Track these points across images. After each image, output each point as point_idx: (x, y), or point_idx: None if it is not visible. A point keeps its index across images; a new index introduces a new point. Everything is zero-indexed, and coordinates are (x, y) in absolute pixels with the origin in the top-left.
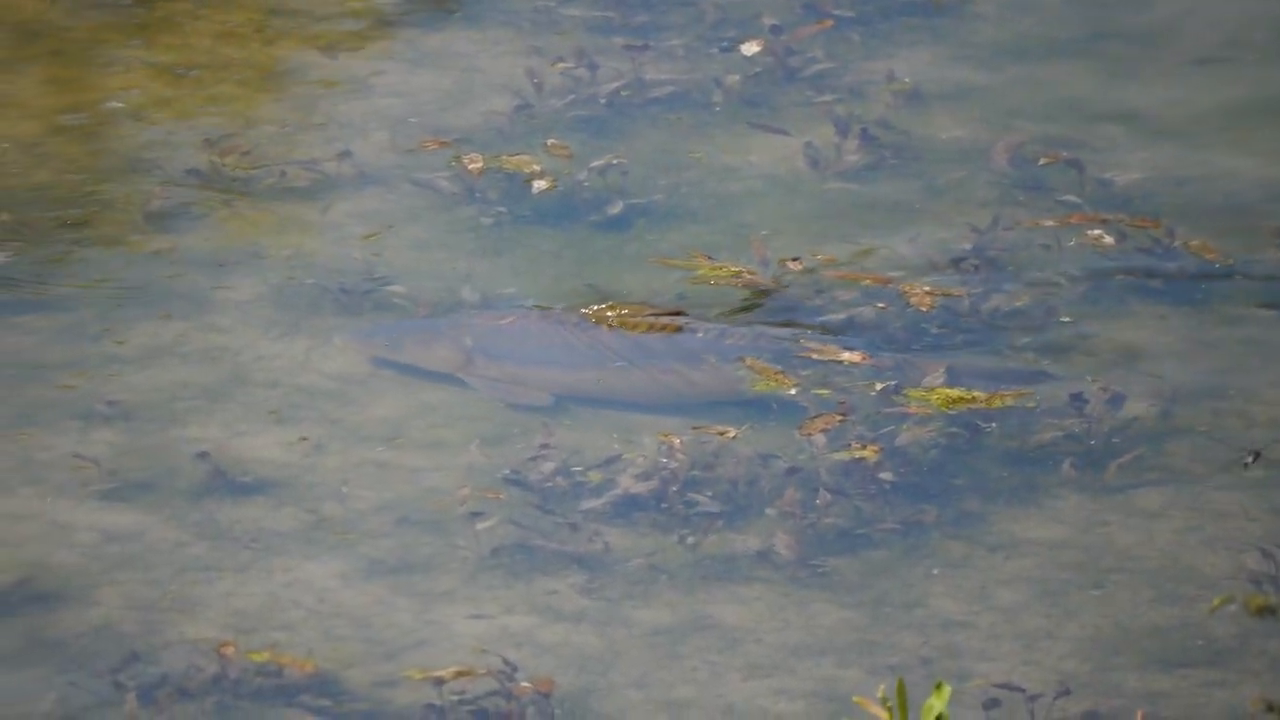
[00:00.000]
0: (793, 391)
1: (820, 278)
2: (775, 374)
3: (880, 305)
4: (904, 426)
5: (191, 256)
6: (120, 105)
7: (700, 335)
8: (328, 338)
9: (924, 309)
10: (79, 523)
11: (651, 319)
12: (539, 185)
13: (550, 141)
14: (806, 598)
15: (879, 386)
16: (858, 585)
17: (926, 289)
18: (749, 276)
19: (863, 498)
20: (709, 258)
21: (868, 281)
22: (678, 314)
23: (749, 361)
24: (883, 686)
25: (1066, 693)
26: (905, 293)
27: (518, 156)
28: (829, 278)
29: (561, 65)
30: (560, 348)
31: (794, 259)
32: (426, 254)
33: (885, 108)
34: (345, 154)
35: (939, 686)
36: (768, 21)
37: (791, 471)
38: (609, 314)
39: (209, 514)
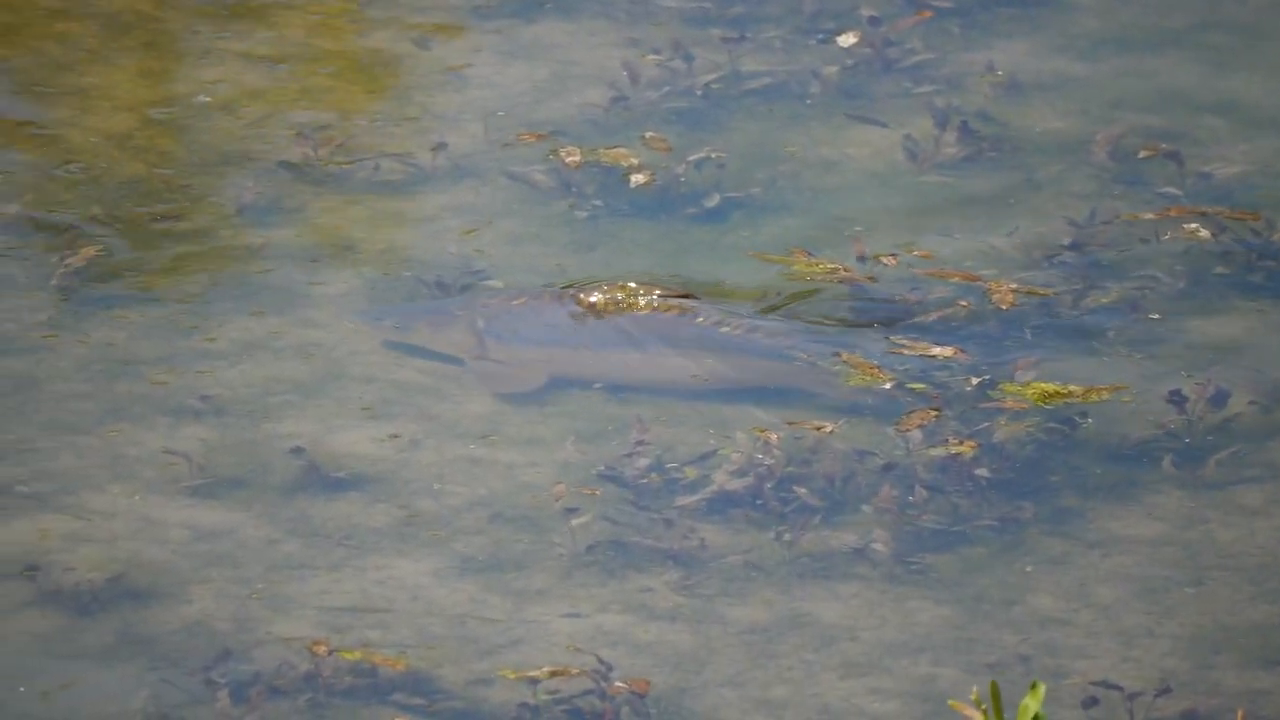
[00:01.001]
0: (887, 386)
1: (912, 273)
2: (870, 368)
3: (964, 303)
4: (1000, 422)
5: (285, 250)
6: (210, 99)
7: (707, 321)
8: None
9: (1005, 306)
10: (171, 519)
11: (660, 299)
12: (637, 179)
13: (649, 134)
14: (903, 595)
15: (973, 382)
16: (955, 582)
17: (1012, 285)
18: (844, 273)
19: (960, 494)
20: (807, 253)
21: (957, 278)
22: (687, 296)
23: (845, 356)
24: (976, 688)
25: (1166, 691)
26: (991, 289)
27: (615, 149)
28: (920, 274)
29: (657, 57)
30: (569, 329)
31: (890, 255)
32: (520, 248)
33: (984, 99)
34: (440, 146)
35: (1034, 686)
36: (866, 13)
37: (888, 468)
38: (619, 294)
39: (302, 510)
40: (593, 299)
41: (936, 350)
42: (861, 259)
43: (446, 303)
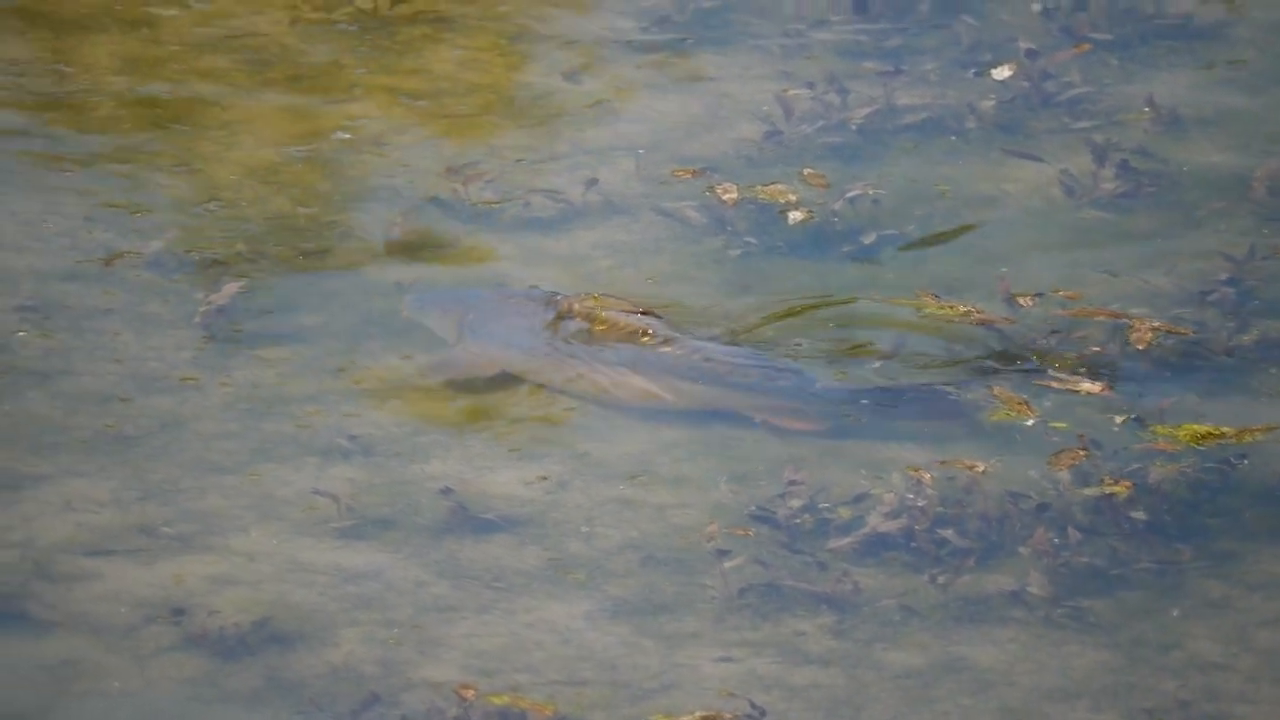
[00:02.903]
0: (1030, 423)
1: (1054, 313)
2: (1018, 404)
3: (1098, 348)
4: (1155, 463)
5: (439, 287)
6: (353, 135)
7: (658, 343)
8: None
9: (1143, 346)
10: (318, 561)
11: (622, 316)
12: (794, 216)
13: (807, 171)
14: (1060, 639)
15: (1118, 420)
16: (1113, 626)
17: (1159, 324)
18: (978, 315)
19: (1115, 536)
20: (935, 296)
21: (1102, 316)
22: (647, 314)
23: (995, 390)
24: None
25: None
26: (1134, 327)
27: (773, 186)
28: (1063, 315)
29: (811, 90)
30: (529, 332)
31: (1032, 295)
32: (669, 288)
33: (1143, 134)
34: (591, 183)
35: None
36: (1023, 45)
37: (1042, 509)
38: (591, 304)
39: (450, 552)
40: (574, 308)
41: (1085, 386)
42: (1005, 299)
43: (465, 292)
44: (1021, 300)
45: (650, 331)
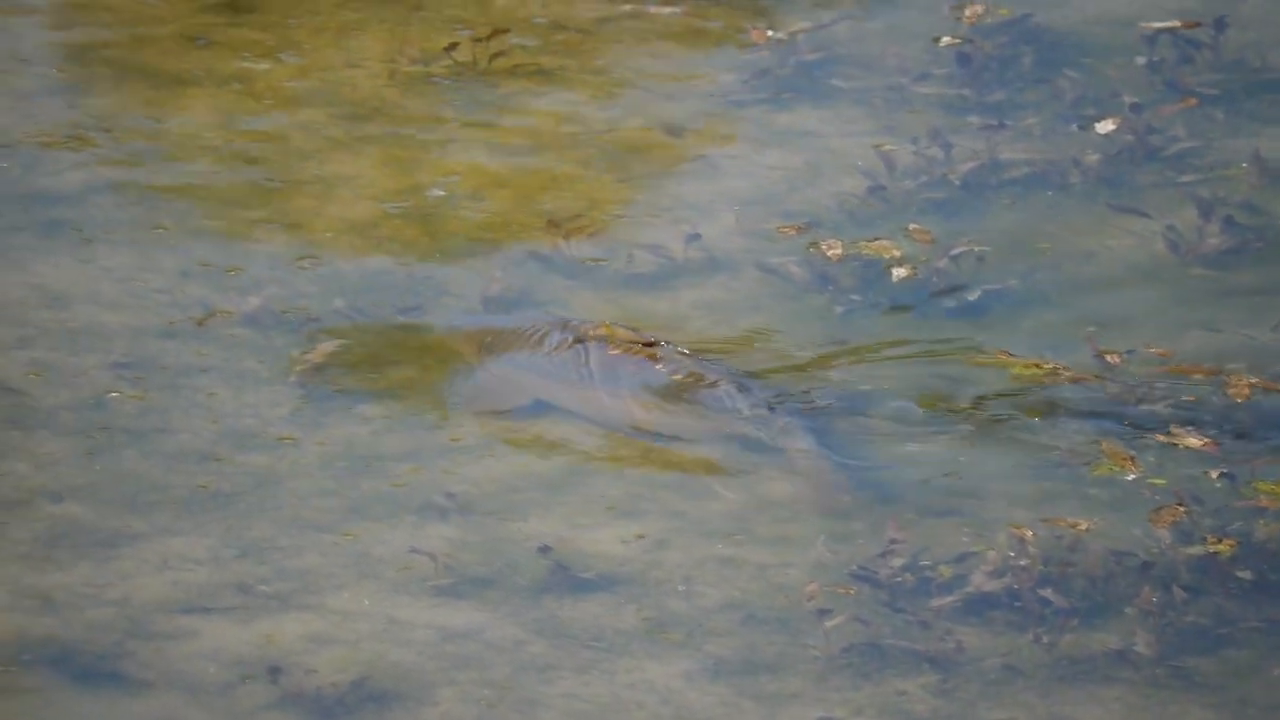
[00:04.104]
0: (1131, 478)
1: (1151, 370)
2: (1123, 458)
3: (1189, 399)
4: (1259, 521)
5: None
6: (451, 189)
7: (667, 370)
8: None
9: (1240, 399)
10: (415, 620)
11: (630, 345)
12: (898, 273)
13: (913, 226)
14: (1167, 699)
15: (1214, 475)
16: (1220, 686)
17: (1255, 380)
18: (1067, 374)
19: (1221, 595)
20: (1009, 354)
21: (1199, 374)
22: (652, 344)
23: (1104, 445)
24: None
25: None
26: (1229, 383)
27: (877, 242)
28: (1160, 371)
29: (914, 145)
30: (544, 359)
31: (1121, 353)
32: (770, 344)
33: (1249, 189)
34: (693, 238)
35: None
36: (1128, 99)
37: (1146, 567)
38: (603, 332)
39: (549, 611)
40: (585, 335)
41: (1190, 441)
42: (1095, 356)
43: (491, 317)
44: (1110, 357)
45: (656, 357)
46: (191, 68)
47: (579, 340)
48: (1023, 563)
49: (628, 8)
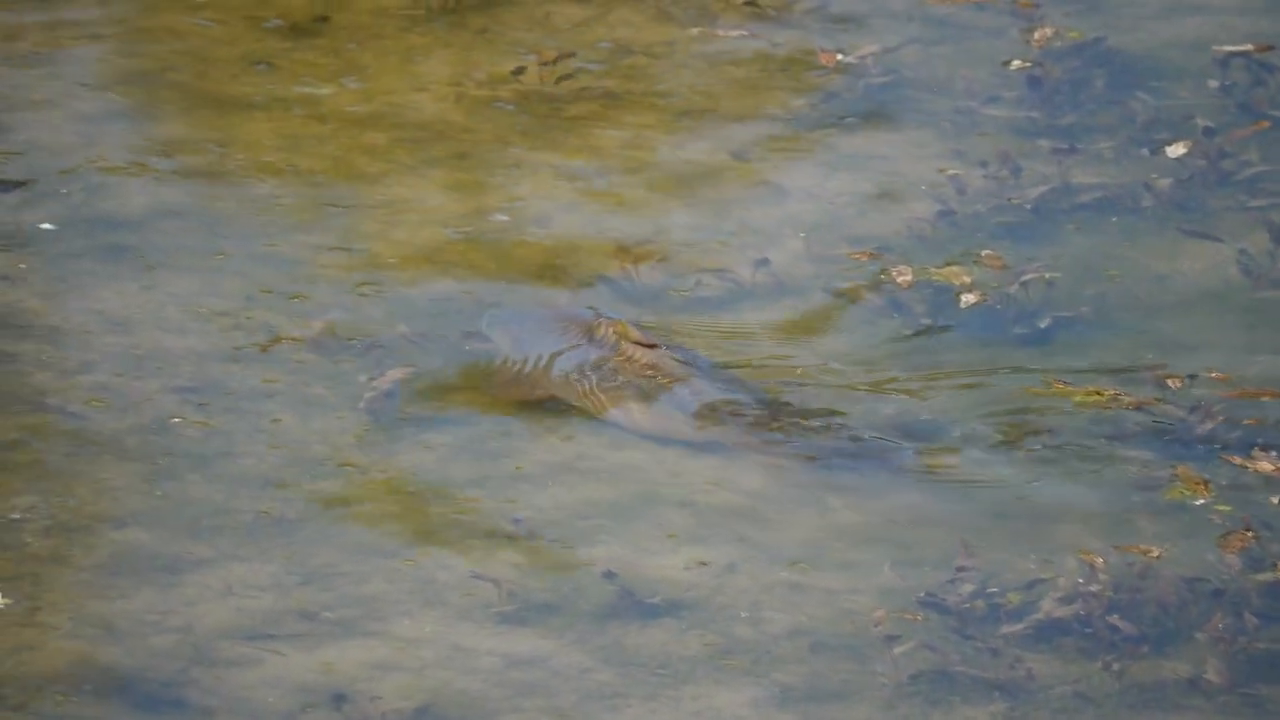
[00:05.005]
0: (1200, 502)
1: (1218, 394)
2: (1197, 483)
3: (1251, 421)
4: None
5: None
6: (518, 213)
7: (668, 373)
8: (740, 455)
9: None
10: (481, 647)
11: (632, 341)
12: (968, 298)
13: (985, 252)
14: None
15: (1275, 500)
16: None
17: None
18: (1127, 399)
19: None
20: (1064, 383)
21: (1267, 397)
22: (653, 346)
23: (1179, 469)
24: None
25: None
26: None
27: (948, 268)
28: (1227, 395)
29: (984, 169)
30: (556, 349)
31: (1182, 377)
32: (837, 372)
33: None
34: (761, 263)
35: None
36: (1200, 122)
37: (1218, 594)
38: (618, 329)
39: (615, 638)
40: (604, 331)
41: (1263, 465)
42: (1156, 383)
43: (526, 310)
44: (1171, 381)
45: (659, 362)
46: (255, 92)
47: (598, 337)
48: (1093, 589)
49: (695, 31)
